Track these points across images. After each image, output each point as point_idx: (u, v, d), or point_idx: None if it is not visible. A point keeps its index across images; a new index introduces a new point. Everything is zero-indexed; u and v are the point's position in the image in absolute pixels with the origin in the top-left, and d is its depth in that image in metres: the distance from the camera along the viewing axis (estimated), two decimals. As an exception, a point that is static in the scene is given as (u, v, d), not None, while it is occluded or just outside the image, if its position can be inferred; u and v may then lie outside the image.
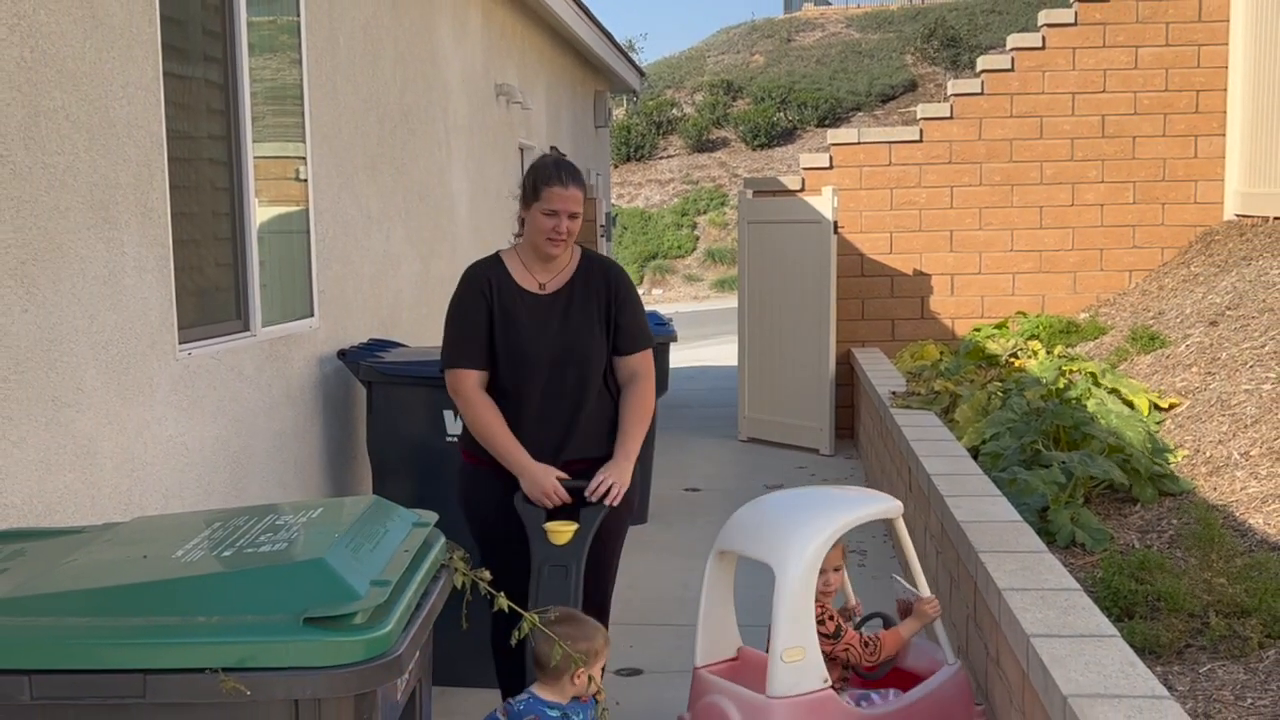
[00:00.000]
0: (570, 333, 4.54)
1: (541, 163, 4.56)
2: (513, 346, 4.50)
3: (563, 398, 4.54)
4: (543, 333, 4.51)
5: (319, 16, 6.54)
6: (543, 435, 4.53)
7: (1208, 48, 11.41)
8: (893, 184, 11.77)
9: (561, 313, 4.56)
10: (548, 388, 4.52)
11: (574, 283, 4.61)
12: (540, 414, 4.54)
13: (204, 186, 5.31)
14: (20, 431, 3.88)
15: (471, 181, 9.83)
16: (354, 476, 6.87)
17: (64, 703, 2.62)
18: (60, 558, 3.05)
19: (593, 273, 4.65)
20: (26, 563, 3.10)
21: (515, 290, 4.56)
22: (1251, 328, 8.20)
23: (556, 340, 4.51)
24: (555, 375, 4.51)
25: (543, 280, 4.60)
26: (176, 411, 4.91)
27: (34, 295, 3.98)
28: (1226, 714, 4.07)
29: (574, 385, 4.54)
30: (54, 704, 2.62)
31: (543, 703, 3.83)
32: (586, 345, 4.55)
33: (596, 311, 4.58)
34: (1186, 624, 4.90)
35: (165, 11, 4.90)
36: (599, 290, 4.61)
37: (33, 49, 3.99)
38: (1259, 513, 5.82)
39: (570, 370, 4.53)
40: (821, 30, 52.13)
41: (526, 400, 4.52)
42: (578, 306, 4.57)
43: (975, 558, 4.76)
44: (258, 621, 2.68)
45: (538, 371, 4.50)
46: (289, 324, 6.09)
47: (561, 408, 4.54)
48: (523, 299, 4.56)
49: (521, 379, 4.51)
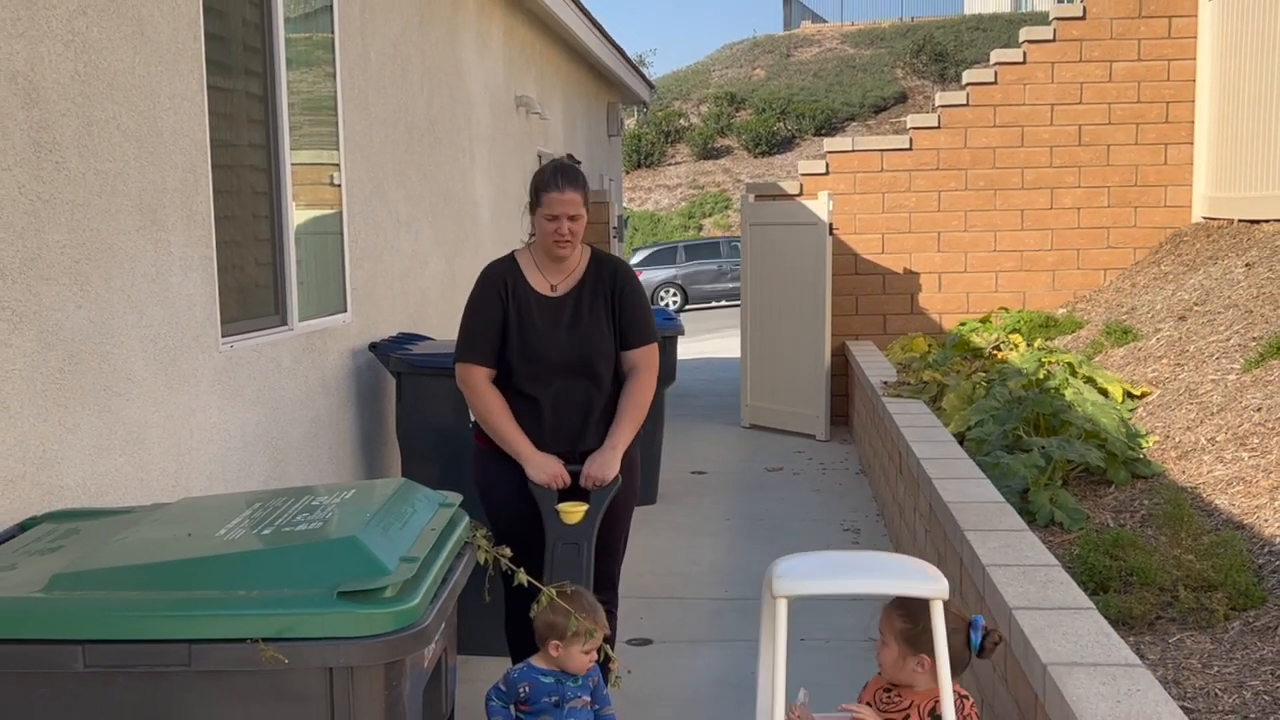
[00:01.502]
0: (580, 333, 4.43)
1: (541, 170, 4.48)
2: (527, 347, 4.40)
3: (576, 395, 4.44)
4: (554, 334, 4.41)
5: (351, 33, 6.53)
6: (560, 431, 4.44)
7: (1177, 62, 11.38)
8: (884, 189, 11.74)
9: (572, 314, 4.45)
10: (562, 387, 4.42)
11: (583, 283, 4.51)
12: (556, 412, 4.43)
13: (245, 191, 5.31)
14: (75, 418, 3.89)
15: (493, 186, 9.82)
16: (384, 461, 6.87)
17: (114, 670, 2.63)
18: (111, 536, 3.05)
19: (601, 272, 4.54)
20: (80, 540, 3.10)
21: (528, 292, 4.47)
22: (1217, 322, 8.18)
23: (567, 341, 4.41)
24: (568, 375, 4.42)
25: (554, 282, 4.50)
26: (219, 400, 4.91)
27: (87, 292, 3.98)
28: (1194, 681, 4.06)
29: (587, 384, 4.44)
30: (105, 672, 2.63)
31: (539, 671, 3.82)
32: (596, 345, 4.44)
33: (604, 310, 4.48)
34: (1157, 597, 4.89)
35: (209, 29, 4.89)
36: (606, 288, 4.50)
37: (86, 63, 3.99)
38: (1224, 494, 5.80)
39: (582, 369, 4.42)
40: (818, 46, 52.01)
41: (543, 399, 4.41)
42: (587, 307, 4.47)
43: (961, 536, 4.75)
44: (295, 595, 2.68)
45: (551, 371, 4.40)
46: (324, 319, 6.09)
47: (576, 405, 4.44)
48: (535, 300, 4.45)
49: (536, 378, 4.40)
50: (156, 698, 2.66)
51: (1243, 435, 6.29)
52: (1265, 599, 4.65)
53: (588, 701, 3.84)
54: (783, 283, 11.45)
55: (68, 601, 2.66)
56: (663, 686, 5.33)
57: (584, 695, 3.83)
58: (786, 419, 11.65)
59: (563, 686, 3.81)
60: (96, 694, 2.66)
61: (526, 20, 11.18)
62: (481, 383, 4.45)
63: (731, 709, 5.07)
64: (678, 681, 5.37)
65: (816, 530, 7.88)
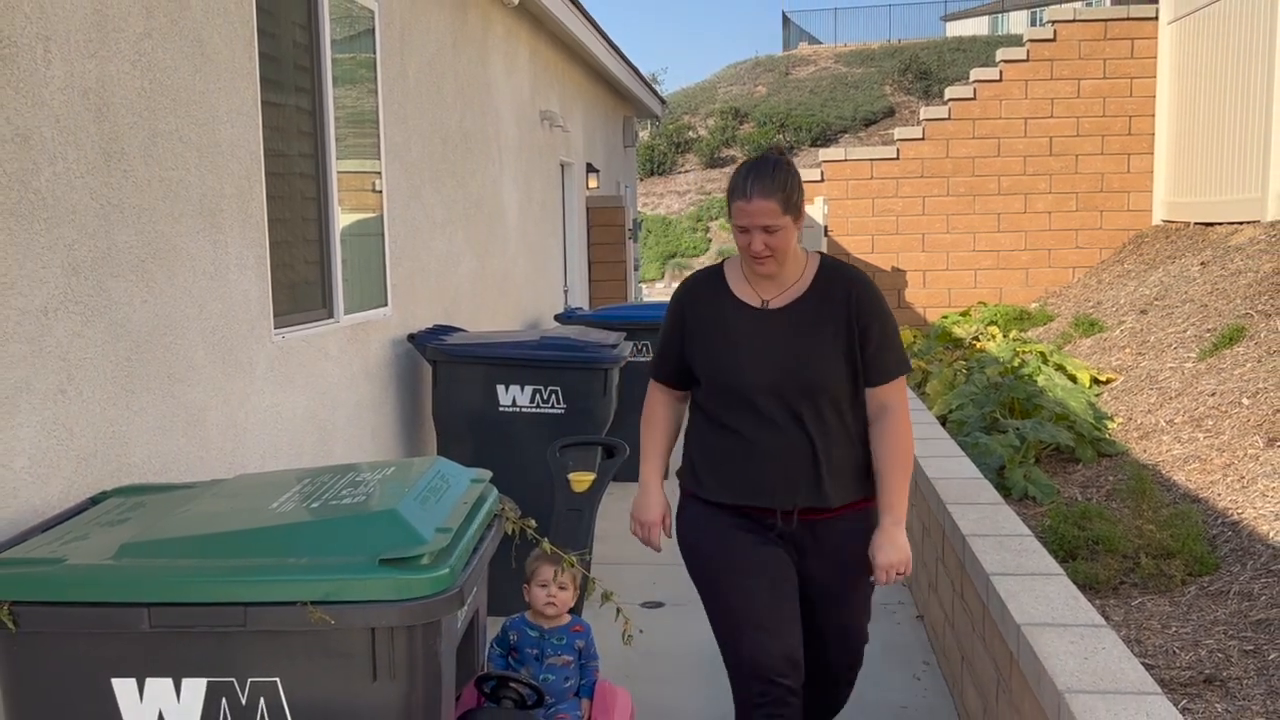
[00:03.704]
0: (796, 356, 3.22)
1: (737, 168, 3.26)
2: (719, 368, 3.28)
3: (790, 432, 3.23)
4: (760, 354, 3.24)
5: (391, 54, 6.51)
6: (768, 477, 3.25)
7: (1139, 80, 11.32)
8: (874, 195, 11.70)
9: (787, 332, 3.25)
10: (771, 421, 3.23)
11: (807, 299, 3.28)
12: (761, 450, 3.25)
13: (295, 196, 5.30)
14: (141, 402, 3.88)
15: (520, 192, 9.79)
16: (421, 440, 6.87)
17: (177, 630, 2.63)
18: (174, 509, 3.05)
19: (833, 286, 3.29)
20: (146, 514, 3.10)
21: (732, 304, 3.33)
22: (1175, 315, 8.13)
23: (778, 364, 3.22)
24: (778, 404, 3.22)
25: (766, 296, 3.31)
26: (272, 385, 4.91)
27: (152, 288, 3.97)
28: (1154, 640, 4.04)
29: (804, 418, 3.22)
30: (168, 631, 2.63)
31: (527, 623, 3.81)
32: (818, 371, 3.21)
33: (835, 331, 3.24)
34: (1121, 564, 4.87)
35: (263, 50, 4.88)
36: (839, 307, 3.25)
37: (152, 80, 3.98)
38: (1181, 471, 5.76)
39: (797, 399, 3.21)
40: (814, 65, 51.80)
41: (743, 432, 3.26)
42: (809, 325, 3.25)
43: (944, 509, 4.73)
44: (340, 562, 2.67)
45: (754, 399, 3.23)
46: (367, 312, 6.08)
47: (789, 445, 3.23)
48: (739, 314, 3.30)
49: (734, 407, 3.27)
50: (215, 655, 2.66)
51: (1198, 417, 6.25)
52: (1219, 566, 4.63)
53: (569, 661, 3.76)
54: (781, 279, 11.41)
55: (135, 568, 2.66)
56: (673, 644, 5.33)
57: (565, 655, 3.76)
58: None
59: (544, 642, 3.77)
60: (161, 651, 2.67)
61: (550, 42, 11.14)
62: (653, 400, 3.53)
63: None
64: (686, 640, 5.37)
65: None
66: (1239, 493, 5.18)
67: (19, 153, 3.30)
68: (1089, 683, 2.91)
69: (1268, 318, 7.01)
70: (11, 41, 3.28)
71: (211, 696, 2.69)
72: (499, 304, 8.81)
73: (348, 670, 2.70)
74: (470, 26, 8.21)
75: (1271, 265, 7.76)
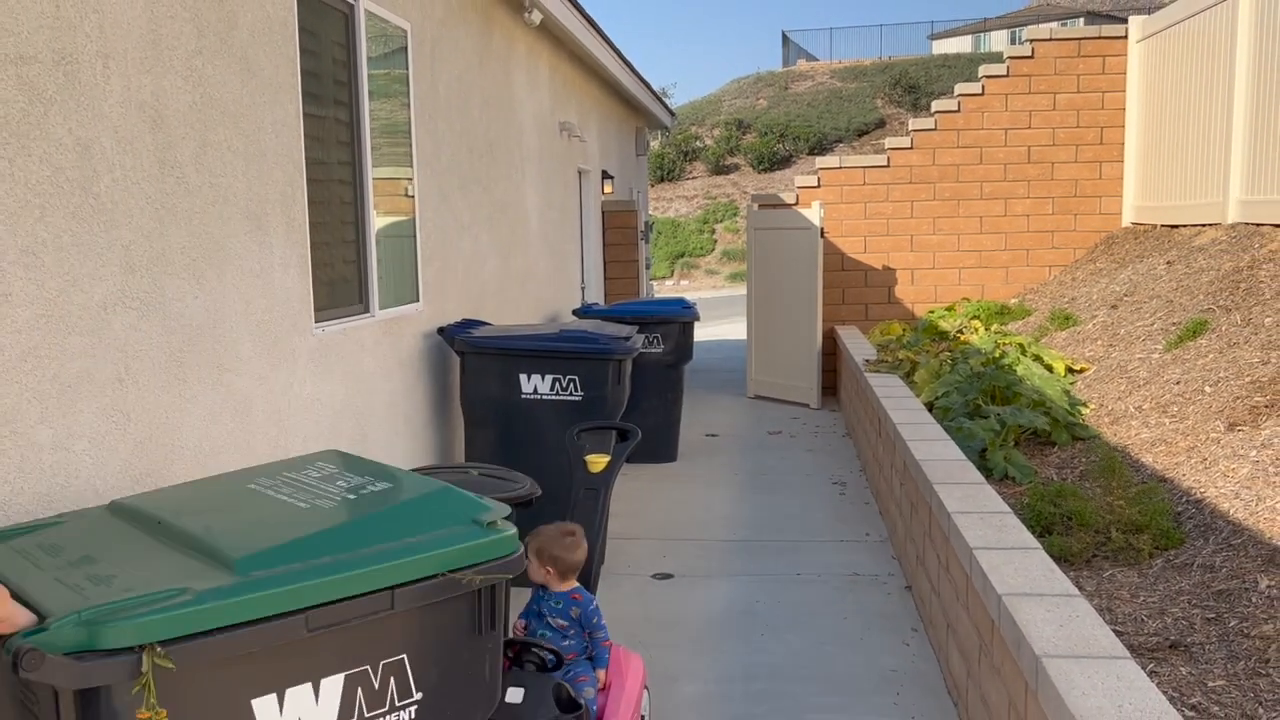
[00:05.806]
0: None
1: None
2: None
3: None
4: None
5: (423, 70, 6.49)
6: None
7: (1110, 94, 11.26)
8: (866, 199, 11.66)
9: None
10: None
11: None
12: None
13: (334, 202, 5.28)
14: (192, 390, 3.88)
15: (541, 197, 9.77)
16: (450, 425, 6.86)
17: (334, 628, 2.45)
18: (271, 511, 2.74)
19: None
20: (231, 514, 2.76)
21: None
22: (1143, 310, 8.08)
23: None
24: None
25: None
26: (313, 375, 4.90)
27: (203, 285, 3.96)
28: (1124, 609, 4.01)
29: None
30: (326, 631, 2.44)
31: (538, 585, 3.83)
32: None
33: None
34: (1093, 539, 4.83)
35: (305, 66, 4.87)
36: None
37: (202, 95, 3.96)
38: (1149, 453, 5.73)
39: None
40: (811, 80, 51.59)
41: None
42: None
43: (930, 488, 4.71)
44: (449, 533, 2.64)
45: None
46: (400, 307, 6.07)
47: None
48: None
49: None
50: (353, 647, 2.52)
51: (1164, 404, 6.21)
52: (1184, 540, 4.59)
53: (564, 625, 3.73)
54: (782, 277, 11.39)
55: (283, 577, 2.40)
56: (682, 612, 5.31)
57: (560, 619, 3.74)
58: (785, 391, 11.59)
59: (541, 601, 3.79)
60: (323, 646, 2.47)
61: (569, 60, 11.11)
62: None
63: (739, 630, 5.04)
64: (695, 609, 5.35)
65: (810, 483, 7.84)
66: (1202, 473, 5.14)
67: (80, 161, 3.30)
68: (1064, 648, 2.89)
69: (1228, 312, 6.96)
70: (73, 59, 3.27)
71: (348, 689, 2.52)
72: (521, 299, 8.79)
73: (456, 629, 2.67)
74: (495, 45, 8.19)
75: (1232, 264, 7.71)
